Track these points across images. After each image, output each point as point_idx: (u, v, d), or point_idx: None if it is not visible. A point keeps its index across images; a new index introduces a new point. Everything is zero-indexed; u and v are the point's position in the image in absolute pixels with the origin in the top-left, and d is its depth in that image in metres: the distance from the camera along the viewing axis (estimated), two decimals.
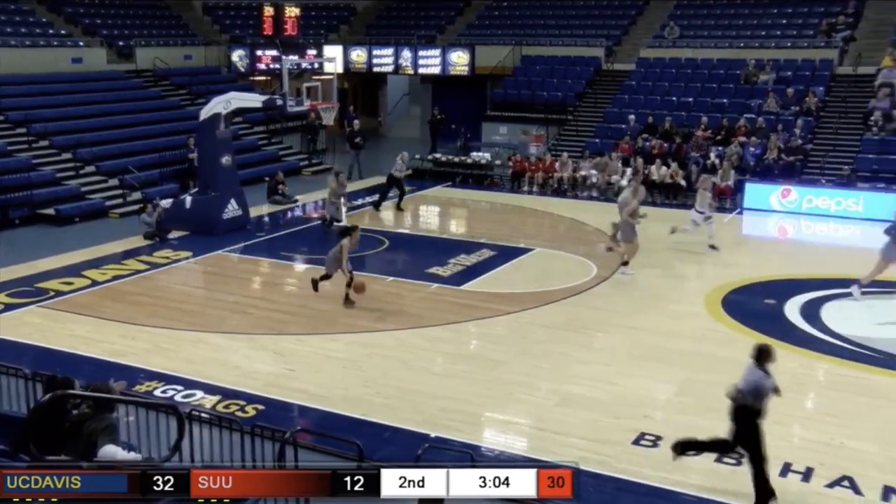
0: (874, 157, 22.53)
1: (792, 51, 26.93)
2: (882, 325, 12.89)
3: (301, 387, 10.49)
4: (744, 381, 7.87)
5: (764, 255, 17.70)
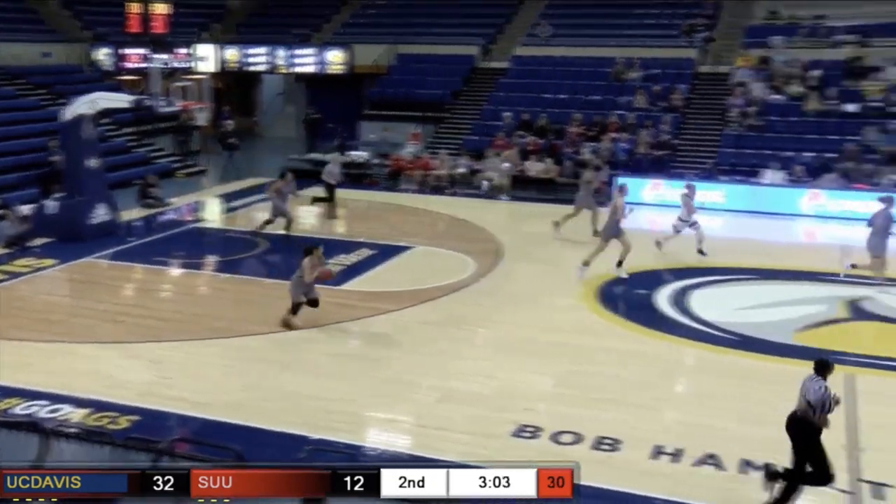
0: (733, 152, 23.71)
1: (657, 50, 28.00)
2: (742, 310, 13.57)
3: (178, 395, 10.19)
4: (813, 394, 7.51)
5: (636, 246, 18.30)
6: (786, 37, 26.92)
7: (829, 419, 7.56)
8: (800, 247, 18.91)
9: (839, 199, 21.02)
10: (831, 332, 12.77)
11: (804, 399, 7.58)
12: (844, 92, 24.34)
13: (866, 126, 22.92)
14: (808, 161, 22.54)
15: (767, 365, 11.46)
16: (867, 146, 22.47)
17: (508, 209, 22.41)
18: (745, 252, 17.62)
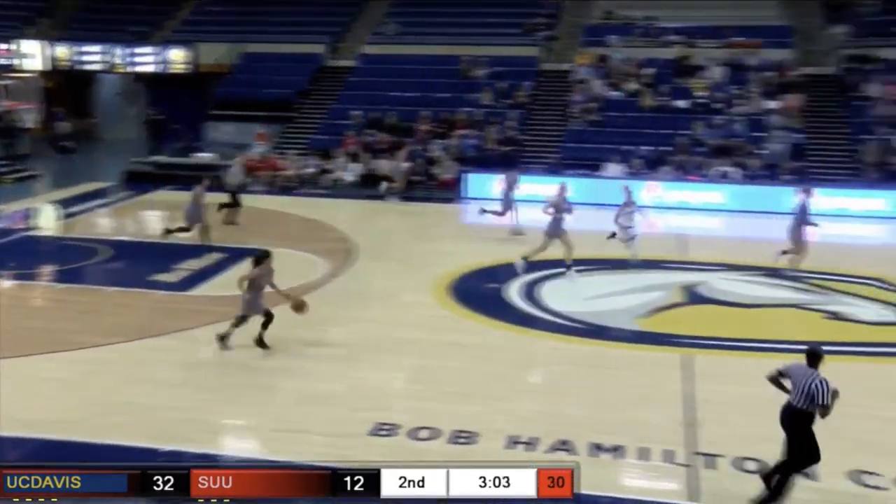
0: (576, 146, 24.59)
1: (502, 48, 28.66)
2: (589, 300, 14.11)
3: (13, 415, 9.56)
4: (808, 386, 7.46)
5: (487, 241, 18.68)
6: (621, 36, 28.19)
7: (832, 409, 7.51)
8: (640, 236, 19.76)
9: (674, 190, 22.20)
10: (670, 316, 13.46)
11: (804, 394, 7.47)
12: (676, 89, 25.74)
13: (695, 121, 24.31)
14: (645, 154, 23.68)
15: (613, 351, 11.97)
16: (697, 140, 23.84)
17: (358, 208, 22.35)
18: (591, 243, 18.29)
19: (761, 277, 15.41)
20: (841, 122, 24.59)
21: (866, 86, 24.73)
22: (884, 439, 9.19)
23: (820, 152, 23.63)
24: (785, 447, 7.72)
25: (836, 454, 8.72)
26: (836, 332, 12.67)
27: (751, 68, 26.05)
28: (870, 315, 13.41)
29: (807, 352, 7.81)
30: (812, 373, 7.61)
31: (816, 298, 14.25)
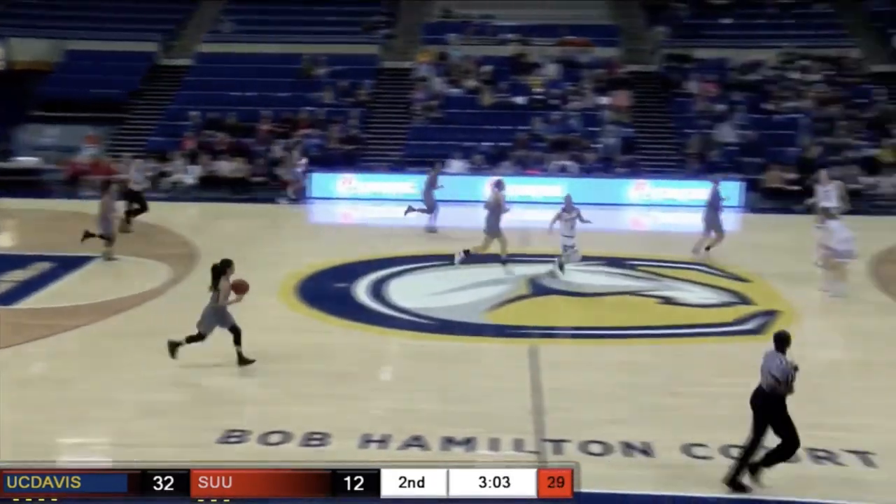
0: (419, 144, 24.84)
1: (342, 46, 28.54)
2: (437, 295, 14.29)
3: None
4: (777, 370, 7.74)
5: (333, 240, 18.59)
6: (459, 34, 28.69)
7: (794, 387, 7.83)
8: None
9: (516, 184, 22.77)
10: (516, 308, 13.84)
11: (770, 375, 7.75)
12: (513, 86, 26.46)
13: (533, 117, 25.09)
14: (486, 150, 24.21)
15: (462, 345, 12.19)
16: (536, 135, 24.61)
17: (199, 210, 21.69)
18: (436, 239, 18.55)
19: (600, 267, 16.09)
20: (666, 116, 26.04)
21: (686, 83, 26.29)
22: (712, 413, 9.81)
23: (648, 146, 24.94)
24: (752, 430, 7.96)
25: (670, 430, 9.27)
26: (668, 316, 13.42)
27: (583, 66, 27.15)
28: (697, 298, 14.28)
29: (774, 337, 8.11)
30: (777, 356, 7.90)
31: (650, 285, 15.03)
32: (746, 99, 25.46)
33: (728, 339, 12.50)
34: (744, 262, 16.17)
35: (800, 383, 10.78)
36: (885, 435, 9.25)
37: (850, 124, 24.16)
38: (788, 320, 13.14)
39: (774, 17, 29.17)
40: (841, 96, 25.35)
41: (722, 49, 27.80)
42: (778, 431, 7.95)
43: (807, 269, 15.68)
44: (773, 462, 8.07)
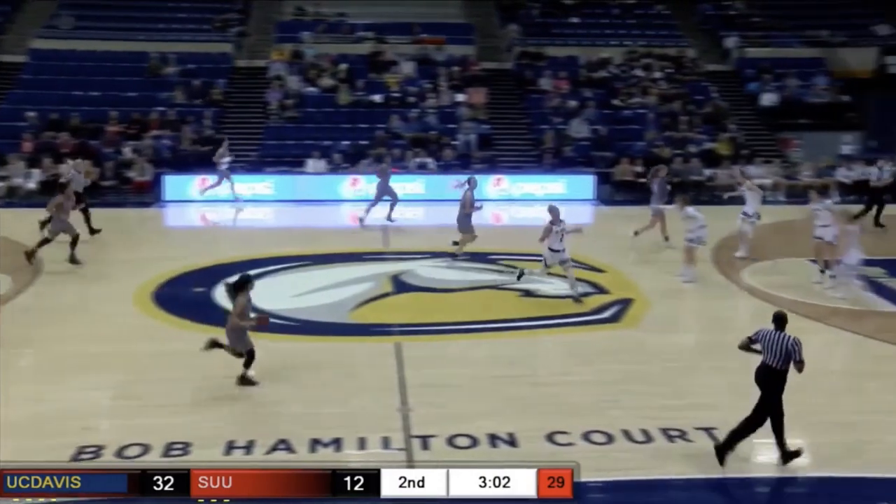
0: (276, 143, 24.42)
1: (192, 44, 27.66)
2: (299, 297, 14.11)
3: None
4: (794, 350, 8.17)
5: (189, 244, 18.03)
6: (313, 32, 28.38)
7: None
8: (346, 230, 20.11)
9: (374, 182, 22.77)
10: (380, 306, 13.85)
11: (780, 355, 8.23)
12: (370, 84, 26.41)
13: (391, 115, 25.14)
14: (345, 149, 24.07)
15: (327, 345, 12.10)
16: (394, 133, 24.67)
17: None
18: (297, 239, 18.32)
19: (461, 262, 16.30)
20: (521, 113, 26.67)
21: (539, 80, 27.03)
22: (574, 401, 10.15)
23: (505, 142, 25.48)
24: (758, 406, 8.44)
25: (534, 419, 9.52)
26: (529, 309, 13.75)
27: (439, 63, 27.42)
28: (555, 290, 14.70)
29: (774, 317, 8.52)
30: (784, 335, 8.31)
31: (510, 278, 15.36)
32: (596, 95, 26.42)
33: (587, 329, 12.95)
34: (598, 253, 16.77)
35: (654, 367, 11.36)
36: (729, 412, 9.80)
37: (689, 119, 25.49)
38: (642, 307, 13.76)
39: (618, 18, 30.42)
40: (681, 93, 26.71)
41: (572, 47, 28.73)
42: (776, 407, 8.42)
43: (655, 257, 16.46)
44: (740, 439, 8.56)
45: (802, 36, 29.31)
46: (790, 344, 8.27)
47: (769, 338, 8.43)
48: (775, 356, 8.33)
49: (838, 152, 24.86)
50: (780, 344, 8.31)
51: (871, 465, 8.69)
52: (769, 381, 8.41)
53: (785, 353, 8.27)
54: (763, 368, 8.47)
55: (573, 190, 22.70)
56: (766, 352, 8.43)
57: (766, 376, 8.44)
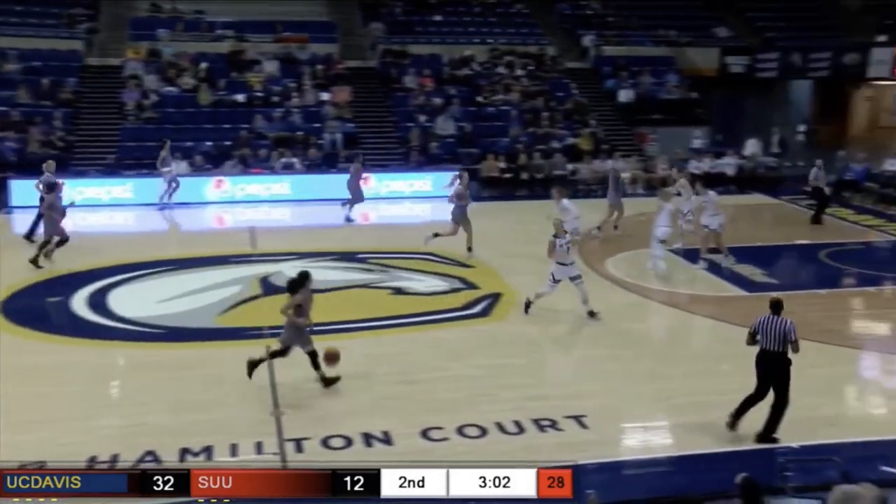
0: (134, 145, 23.49)
1: (36, 41, 26.19)
2: (164, 302, 13.65)
3: None
4: (792, 333, 8.66)
5: None
6: (170, 30, 27.45)
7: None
8: (211, 233, 19.61)
9: (241, 184, 22.33)
10: (249, 309, 13.56)
11: (778, 339, 8.68)
12: (232, 83, 25.80)
13: (255, 114, 24.64)
14: (208, 150, 23.43)
15: (195, 352, 11.76)
16: (259, 133, 24.20)
17: None
18: (161, 244, 17.71)
19: (330, 262, 16.18)
20: (386, 111, 26.68)
21: (404, 78, 27.13)
22: (448, 396, 10.26)
23: (371, 140, 25.43)
24: (755, 389, 8.94)
25: (408, 417, 9.57)
26: (400, 306, 13.80)
27: (302, 62, 27.07)
28: (426, 286, 14.81)
29: (771, 303, 8.92)
30: (780, 318, 8.76)
31: (381, 277, 15.37)
32: (460, 93, 26.74)
33: (458, 324, 13.11)
34: (466, 248, 16.99)
35: (524, 359, 11.62)
36: (597, 399, 10.20)
37: (551, 115, 26.19)
38: (511, 301, 14.04)
39: (480, 16, 30.90)
40: (542, 90, 27.40)
41: (435, 45, 28.96)
42: (782, 391, 8.84)
43: (523, 251, 16.84)
44: (744, 412, 9.07)
45: (654, 36, 30.63)
46: (786, 327, 8.73)
47: (766, 323, 8.85)
48: (773, 340, 8.77)
49: (689, 146, 26.11)
50: (777, 328, 8.75)
51: (730, 441, 9.18)
52: (771, 366, 8.82)
53: (782, 336, 8.72)
54: (762, 354, 8.89)
55: (440, 187, 22.88)
56: (764, 337, 8.85)
57: (766, 361, 8.86)
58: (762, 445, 8.96)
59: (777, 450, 8.83)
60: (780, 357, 8.79)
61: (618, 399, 10.37)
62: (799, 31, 31.72)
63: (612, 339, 12.60)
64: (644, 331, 12.97)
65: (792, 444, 8.98)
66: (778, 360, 8.80)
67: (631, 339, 12.49)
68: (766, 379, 8.89)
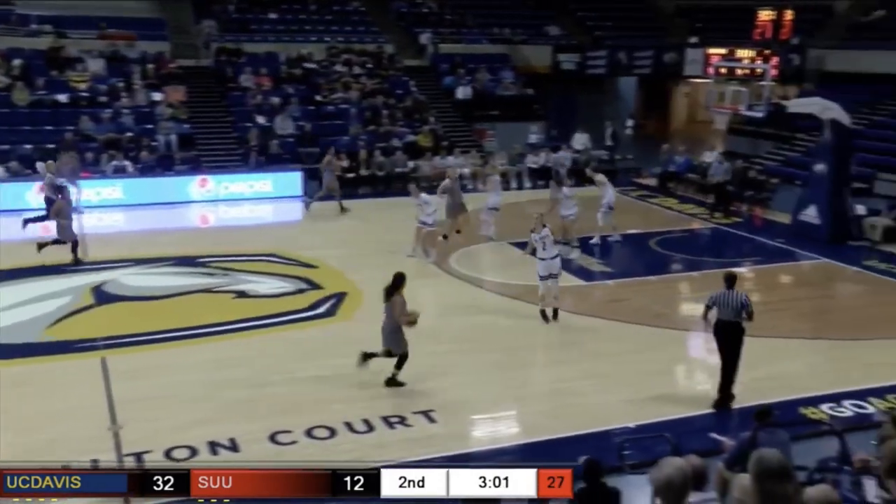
0: None
1: None
2: None
3: None
4: (747, 304, 9.58)
5: None
6: None
7: None
8: (35, 241, 18.42)
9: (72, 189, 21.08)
10: (81, 320, 12.88)
11: (735, 309, 9.60)
12: (52, 82, 24.32)
13: (80, 115, 23.35)
14: (27, 153, 22.00)
15: (23, 368, 11.05)
16: (85, 134, 22.95)
17: None
18: None
19: (169, 268, 15.61)
20: (223, 111, 25.95)
21: (240, 77, 26.48)
22: (295, 398, 10.14)
23: (208, 141, 24.68)
24: (723, 359, 9.83)
25: (255, 421, 9.39)
26: (245, 310, 13.48)
27: (131, 61, 25.88)
28: (269, 289, 14.55)
29: (725, 277, 9.82)
30: (735, 292, 9.66)
31: (222, 281, 14.96)
32: (299, 91, 26.38)
33: (303, 325, 12.97)
34: (310, 249, 16.83)
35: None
36: (444, 393, 10.36)
37: (391, 113, 26.28)
38: (355, 300, 14.03)
39: (316, 14, 30.58)
40: (382, 88, 27.45)
41: (271, 43, 28.43)
42: (735, 357, 9.81)
43: (366, 249, 16.86)
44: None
45: (489, 34, 31.33)
46: (742, 299, 9.69)
47: (723, 297, 9.72)
48: (730, 312, 9.65)
49: (526, 141, 26.88)
50: (734, 300, 9.66)
51: (574, 426, 9.54)
52: (729, 334, 9.74)
53: (739, 307, 9.65)
54: (720, 324, 9.75)
55: (281, 187, 22.52)
56: (721, 309, 9.71)
57: (724, 330, 9.74)
58: (603, 428, 9.38)
59: (615, 431, 9.27)
60: (735, 326, 9.70)
61: (465, 392, 10.57)
62: (624, 31, 33.33)
63: (459, 333, 12.82)
64: (488, 324, 13.25)
65: (629, 424, 9.45)
66: (734, 329, 9.72)
67: (476, 333, 12.75)
68: (725, 349, 9.85)
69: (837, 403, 10.13)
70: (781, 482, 3.96)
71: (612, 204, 17.81)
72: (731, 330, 9.76)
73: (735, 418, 9.70)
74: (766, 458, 4.03)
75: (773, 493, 3.93)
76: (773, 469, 3.98)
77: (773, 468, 3.98)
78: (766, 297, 15.03)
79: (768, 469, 3.98)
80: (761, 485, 3.97)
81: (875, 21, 29.59)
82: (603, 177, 18.59)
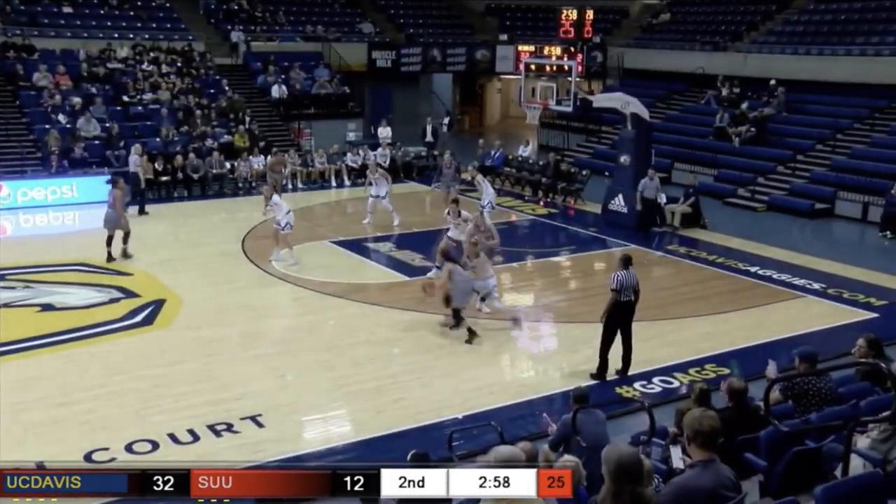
0: None
1: None
2: None
3: None
4: (629, 280, 10.27)
5: None
6: None
7: None
8: None
9: None
10: None
11: (631, 289, 10.31)
12: None
13: None
14: None
15: None
16: None
17: None
18: None
19: None
20: (16, 112, 24.18)
21: (33, 75, 24.73)
22: (111, 413, 9.62)
23: (1, 144, 22.94)
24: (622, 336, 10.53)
25: (68, 442, 8.84)
26: (52, 324, 12.63)
27: None
28: (79, 300, 13.71)
29: (622, 258, 10.51)
30: (630, 272, 10.35)
31: (25, 294, 13.95)
32: (103, 91, 25.00)
33: (118, 336, 12.31)
34: (124, 256, 16.01)
35: (193, 365, 11.24)
36: (271, 397, 10.17)
37: (204, 113, 25.42)
38: (176, 306, 13.49)
39: (117, 9, 29.04)
40: (193, 87, 26.49)
41: (67, 39, 26.74)
42: (630, 330, 10.61)
43: (184, 254, 16.24)
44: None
45: (302, 32, 30.96)
46: (636, 279, 10.46)
47: (626, 279, 10.31)
48: (629, 292, 10.34)
49: (345, 139, 26.80)
50: (632, 280, 10.37)
51: (403, 421, 9.61)
52: (627, 313, 10.43)
53: (635, 287, 10.39)
54: (622, 305, 10.35)
55: (86, 192, 21.09)
56: (624, 291, 10.31)
57: (624, 310, 10.40)
58: (432, 421, 9.51)
59: (444, 423, 9.42)
60: (632, 305, 10.44)
61: (292, 394, 10.42)
62: (436, 29, 33.94)
63: (282, 334, 12.62)
64: (313, 323, 13.12)
65: (457, 416, 9.63)
66: (631, 308, 10.45)
67: (300, 333, 12.59)
68: (621, 325, 10.49)
69: (648, 381, 10.76)
70: (640, 483, 4.20)
71: (493, 203, 17.92)
72: (628, 309, 10.50)
73: (557, 402, 10.09)
74: (625, 457, 4.24)
75: (632, 494, 4.16)
76: (631, 470, 4.21)
77: (632, 469, 4.21)
78: (582, 284, 15.79)
79: (627, 470, 4.21)
80: (618, 486, 4.20)
81: (661, 24, 31.77)
82: (481, 176, 18.79)
